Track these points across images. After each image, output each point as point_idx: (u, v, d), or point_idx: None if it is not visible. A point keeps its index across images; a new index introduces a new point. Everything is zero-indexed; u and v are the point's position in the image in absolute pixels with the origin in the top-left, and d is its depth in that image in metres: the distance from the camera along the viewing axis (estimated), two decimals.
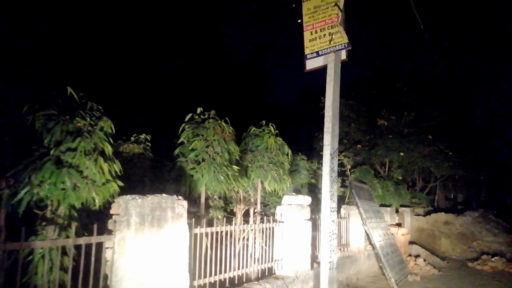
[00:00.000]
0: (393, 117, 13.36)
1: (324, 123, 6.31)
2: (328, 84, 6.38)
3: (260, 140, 6.29)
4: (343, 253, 8.22)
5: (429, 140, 13.82)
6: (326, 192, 6.08)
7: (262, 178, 6.11)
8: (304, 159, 8.08)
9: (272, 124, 6.51)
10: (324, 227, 6.06)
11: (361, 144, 13.72)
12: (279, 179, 6.18)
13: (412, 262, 9.84)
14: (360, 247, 8.73)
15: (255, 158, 6.15)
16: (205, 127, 4.93)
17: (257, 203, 6.55)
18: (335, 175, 6.29)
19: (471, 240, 12.89)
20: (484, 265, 10.09)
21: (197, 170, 4.66)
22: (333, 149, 6.27)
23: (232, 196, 7.18)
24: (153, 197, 3.42)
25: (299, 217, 6.11)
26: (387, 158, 13.64)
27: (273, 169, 6.17)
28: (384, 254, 8.20)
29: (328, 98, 6.33)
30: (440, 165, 13.98)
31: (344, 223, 8.50)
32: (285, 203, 6.10)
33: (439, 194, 19.43)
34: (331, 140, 6.21)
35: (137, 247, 3.28)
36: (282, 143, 6.47)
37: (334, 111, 6.32)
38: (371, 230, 8.40)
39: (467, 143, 19.01)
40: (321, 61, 6.71)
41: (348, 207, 8.71)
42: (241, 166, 6.19)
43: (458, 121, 18.01)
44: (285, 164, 6.50)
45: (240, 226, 5.17)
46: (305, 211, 6.25)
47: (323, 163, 6.19)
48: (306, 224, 6.23)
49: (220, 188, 4.84)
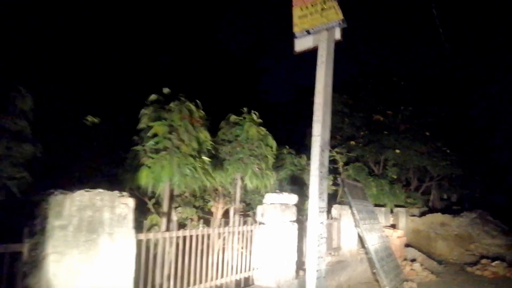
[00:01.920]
0: (390, 112, 12.64)
1: (314, 111, 5.52)
2: (319, 66, 5.58)
3: (240, 129, 5.48)
4: (333, 258, 7.45)
5: (426, 137, 13.14)
6: (315, 190, 5.29)
7: (241, 172, 5.30)
8: (291, 152, 7.27)
9: (255, 112, 5.70)
10: (312, 230, 5.27)
11: (355, 140, 12.97)
12: (261, 174, 5.37)
13: (408, 267, 9.11)
14: (352, 251, 7.97)
15: (234, 149, 5.34)
16: (169, 109, 4.08)
17: (236, 201, 5.74)
18: (326, 170, 5.49)
19: (468, 242, 12.22)
20: (484, 270, 9.40)
21: (156, 161, 3.83)
22: (324, 141, 5.48)
23: (210, 194, 6.42)
24: (81, 193, 2.59)
25: (283, 218, 5.32)
26: (382, 156, 12.92)
27: (254, 163, 5.36)
28: (379, 259, 7.45)
29: (319, 82, 5.53)
30: (437, 163, 13.29)
31: (336, 224, 7.74)
32: (267, 202, 5.30)
33: (434, 194, 18.76)
34: (322, 131, 5.42)
35: (55, 260, 2.45)
36: (266, 134, 5.66)
37: (326, 98, 5.53)
38: (364, 232, 7.64)
39: (464, 141, 18.40)
40: (312, 41, 5.91)
41: (340, 207, 7.94)
42: (217, 159, 5.39)
43: (456, 118, 17.38)
44: (269, 157, 5.70)
45: (207, 229, 4.35)
46: (290, 211, 5.46)
47: (311, 156, 5.39)
48: (291, 226, 5.44)
49: (185, 184, 4.01)
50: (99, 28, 11.56)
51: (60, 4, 10.16)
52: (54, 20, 10.05)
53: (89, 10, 11.22)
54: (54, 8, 10.01)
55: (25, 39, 8.96)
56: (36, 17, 9.70)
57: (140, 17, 13.69)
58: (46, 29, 9.72)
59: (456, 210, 16.03)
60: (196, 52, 16.52)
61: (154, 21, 14.46)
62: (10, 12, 8.71)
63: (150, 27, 14.21)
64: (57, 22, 10.11)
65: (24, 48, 8.77)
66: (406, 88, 13.71)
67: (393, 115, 12.67)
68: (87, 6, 11.10)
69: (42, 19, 9.82)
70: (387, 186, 11.68)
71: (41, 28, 9.60)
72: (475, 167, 21.25)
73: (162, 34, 14.85)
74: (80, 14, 10.93)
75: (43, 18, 9.85)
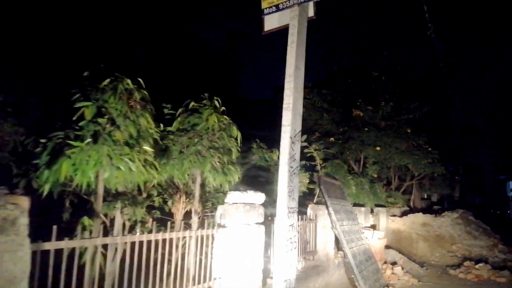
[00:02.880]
0: (370, 107, 12.09)
1: (284, 98, 4.84)
2: (289, 46, 4.90)
3: (199, 117, 4.74)
4: (308, 263, 6.79)
5: (408, 134, 12.67)
6: (284, 187, 4.61)
7: (199, 167, 4.56)
8: (262, 146, 6.57)
9: (217, 98, 4.97)
10: (280, 233, 4.59)
11: (334, 137, 12.38)
12: (222, 169, 4.65)
13: (388, 271, 8.54)
14: (329, 255, 7.34)
15: (191, 141, 4.60)
16: (102, 88, 3.31)
17: (195, 201, 5.00)
18: (297, 165, 4.83)
19: (450, 243, 11.80)
20: (468, 273, 8.92)
21: (79, 150, 3.05)
22: (295, 132, 4.82)
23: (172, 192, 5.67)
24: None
25: (247, 220, 4.61)
26: (362, 153, 12.37)
27: (215, 156, 4.64)
28: (357, 264, 6.83)
29: (290, 65, 4.86)
30: (418, 161, 12.83)
31: (311, 226, 7.09)
32: (230, 201, 4.58)
33: (415, 194, 18.45)
34: (292, 120, 4.75)
35: None
36: (230, 123, 4.94)
37: (297, 83, 4.86)
38: (342, 234, 7.01)
39: (445, 140, 18.17)
40: (283, 19, 5.24)
41: (316, 207, 7.30)
42: (173, 151, 4.66)
43: (437, 116, 17.08)
44: (233, 150, 4.98)
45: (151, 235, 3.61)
46: (256, 212, 4.75)
47: (280, 149, 4.72)
48: (257, 230, 4.73)
49: (120, 179, 3.25)
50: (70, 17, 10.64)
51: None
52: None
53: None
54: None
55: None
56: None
57: (110, 5, 12.78)
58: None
59: (437, 210, 15.71)
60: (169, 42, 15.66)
61: (124, 9, 13.54)
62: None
63: (121, 15, 13.30)
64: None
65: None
66: (387, 83, 13.23)
67: (373, 111, 12.13)
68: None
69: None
70: (367, 184, 11.13)
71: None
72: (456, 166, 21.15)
73: (132, 23, 13.94)
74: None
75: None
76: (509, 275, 8.74)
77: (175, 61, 15.30)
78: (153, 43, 14.66)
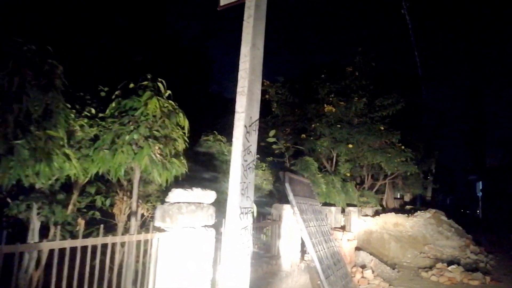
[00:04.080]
0: (342, 103, 11.62)
1: (238, 81, 4.18)
2: (246, 21, 4.24)
3: (138, 101, 4.01)
4: (271, 268, 6.17)
5: (381, 131, 12.28)
6: (236, 184, 3.95)
7: (135, 159, 3.84)
8: (221, 140, 5.88)
9: (161, 80, 4.26)
10: (230, 238, 3.93)
11: (306, 134, 11.85)
12: (162, 164, 3.94)
13: (358, 275, 8.03)
14: (294, 259, 6.74)
15: (125, 128, 3.87)
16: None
17: (133, 200, 4.27)
18: (252, 159, 4.18)
19: (422, 243, 11.48)
20: (441, 276, 8.53)
21: None
22: (251, 120, 4.16)
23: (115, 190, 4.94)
24: None
25: (192, 223, 3.92)
26: (334, 151, 11.90)
27: (154, 147, 3.92)
28: (324, 268, 6.26)
29: (245, 43, 4.19)
30: (391, 160, 12.47)
31: (275, 227, 6.47)
32: (171, 200, 3.87)
33: (388, 193, 18.24)
34: (247, 106, 4.09)
35: None
36: (175, 109, 4.23)
37: (254, 63, 4.20)
38: (308, 236, 6.42)
39: (419, 139, 18.03)
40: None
41: (280, 207, 6.68)
42: (104, 141, 3.92)
43: (411, 114, 16.89)
44: (179, 141, 4.28)
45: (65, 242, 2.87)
46: (204, 213, 4.06)
47: (233, 140, 4.06)
48: (205, 233, 4.04)
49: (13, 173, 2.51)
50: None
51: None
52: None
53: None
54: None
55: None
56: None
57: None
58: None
59: (410, 210, 15.49)
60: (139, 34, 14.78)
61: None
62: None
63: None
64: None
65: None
66: (360, 79, 12.80)
67: (346, 107, 11.66)
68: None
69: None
70: (339, 183, 10.65)
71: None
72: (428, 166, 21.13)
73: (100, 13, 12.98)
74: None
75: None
76: (481, 277, 8.42)
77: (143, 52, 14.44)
78: (123, 30, 13.72)
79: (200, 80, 20.33)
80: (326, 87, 12.05)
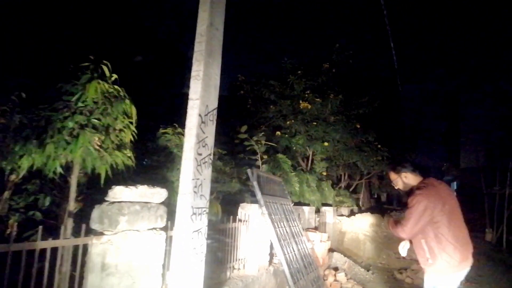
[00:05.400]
0: (318, 99, 11.28)
1: (193, 64, 3.70)
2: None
3: (75, 87, 3.48)
4: (237, 272, 5.72)
5: (357, 129, 12.04)
6: (187, 181, 3.47)
7: (68, 151, 3.31)
8: (181, 133, 5.36)
9: (107, 63, 3.73)
10: (180, 242, 3.45)
11: (281, 131, 11.47)
12: (100, 157, 3.42)
13: (331, 278, 7.67)
14: (262, 263, 6.29)
15: (57, 115, 3.33)
16: None
17: (70, 198, 3.73)
18: (208, 153, 3.71)
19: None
20: (416, 278, 8.28)
21: None
22: (207, 109, 3.69)
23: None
24: None
25: (137, 225, 3.42)
26: (310, 149, 11.56)
27: (93, 137, 3.40)
28: (293, 272, 5.84)
29: (202, 21, 3.72)
30: (367, 159, 12.25)
31: (242, 228, 6.02)
32: (111, 199, 3.36)
33: (364, 193, 18.10)
34: (203, 92, 3.62)
35: None
36: (120, 95, 3.71)
37: (212, 45, 3.73)
38: (276, 237, 5.98)
39: (395, 138, 17.98)
40: None
41: (248, 206, 6.23)
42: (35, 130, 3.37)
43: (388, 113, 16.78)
44: (126, 131, 3.76)
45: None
46: (152, 214, 3.56)
47: (186, 130, 3.58)
48: (153, 237, 3.55)
49: None
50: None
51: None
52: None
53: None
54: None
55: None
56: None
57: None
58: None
59: (386, 210, 15.35)
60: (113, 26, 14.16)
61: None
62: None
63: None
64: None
65: None
66: (337, 76, 12.52)
67: (322, 104, 11.32)
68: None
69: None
70: (314, 182, 10.30)
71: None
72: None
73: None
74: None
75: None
76: None
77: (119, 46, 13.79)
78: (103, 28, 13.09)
79: (173, 77, 19.73)
80: (302, 83, 11.69)
